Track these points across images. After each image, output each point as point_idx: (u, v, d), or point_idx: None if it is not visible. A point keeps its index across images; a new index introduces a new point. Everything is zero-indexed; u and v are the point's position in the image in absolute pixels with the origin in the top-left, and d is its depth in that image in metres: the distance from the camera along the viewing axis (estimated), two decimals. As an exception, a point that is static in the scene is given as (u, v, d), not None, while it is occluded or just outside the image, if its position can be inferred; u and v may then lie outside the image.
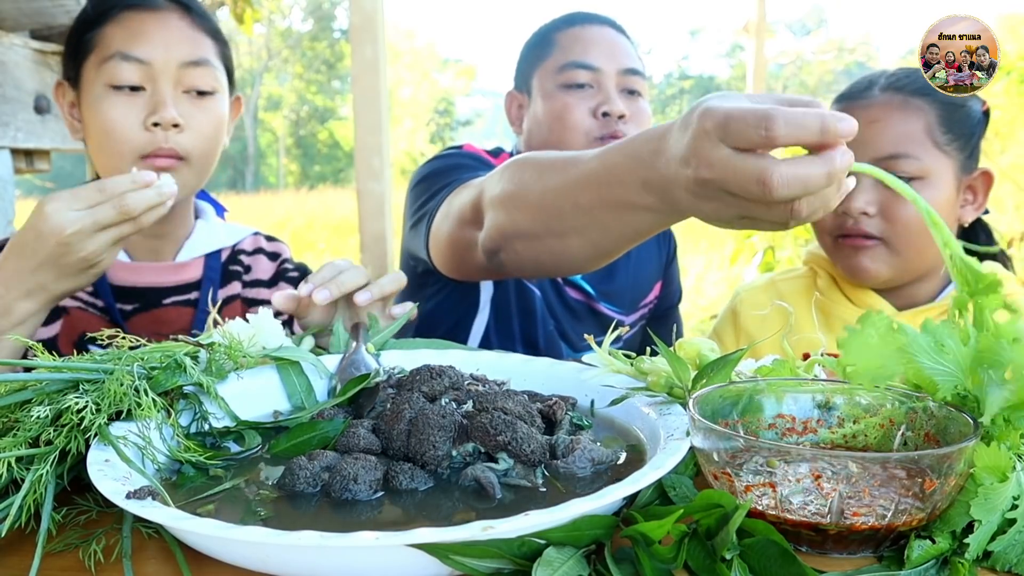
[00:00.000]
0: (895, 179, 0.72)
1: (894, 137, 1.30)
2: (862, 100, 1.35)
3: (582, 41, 1.62)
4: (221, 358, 0.83)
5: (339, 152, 31.63)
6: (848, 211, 1.32)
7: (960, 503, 0.59)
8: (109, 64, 1.25)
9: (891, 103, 1.32)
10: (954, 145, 1.32)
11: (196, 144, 1.28)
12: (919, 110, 1.31)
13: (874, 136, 1.31)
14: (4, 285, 1.00)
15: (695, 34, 45.77)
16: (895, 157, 1.29)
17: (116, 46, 1.26)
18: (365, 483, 0.65)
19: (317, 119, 32.81)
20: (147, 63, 1.25)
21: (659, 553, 0.55)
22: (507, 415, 0.70)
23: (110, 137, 1.25)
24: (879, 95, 1.34)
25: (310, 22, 32.32)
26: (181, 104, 1.27)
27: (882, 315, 0.69)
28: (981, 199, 1.39)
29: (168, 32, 1.28)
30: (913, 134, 1.30)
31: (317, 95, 32.83)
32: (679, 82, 40.00)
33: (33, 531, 0.63)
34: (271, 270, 1.50)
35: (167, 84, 1.26)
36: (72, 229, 0.97)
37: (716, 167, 0.69)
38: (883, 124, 1.31)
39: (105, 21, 1.28)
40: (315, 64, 32.32)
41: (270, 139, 33.51)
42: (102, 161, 1.30)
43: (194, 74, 1.28)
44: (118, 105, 1.25)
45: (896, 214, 1.31)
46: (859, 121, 1.26)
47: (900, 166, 1.28)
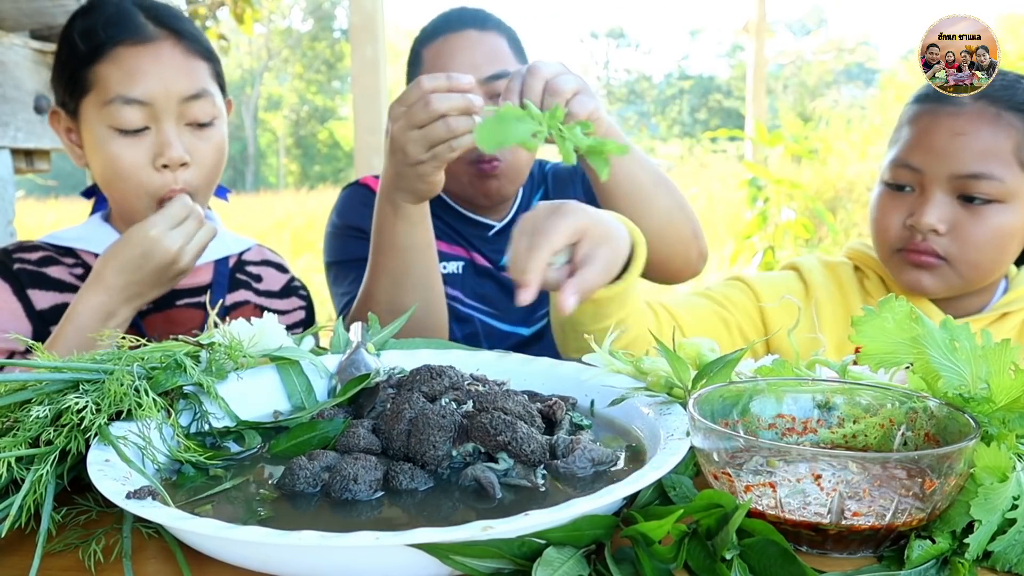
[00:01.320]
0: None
1: (979, 154, 1.19)
2: (950, 106, 1.23)
3: (442, 57, 1.56)
4: (221, 358, 0.83)
5: (339, 152, 31.64)
6: (918, 226, 1.23)
7: (960, 503, 0.60)
8: (111, 108, 1.25)
9: (982, 115, 1.21)
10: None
11: (203, 176, 1.31)
12: (1011, 127, 1.20)
13: (958, 150, 1.20)
14: (108, 294, 1.17)
15: (695, 34, 45.78)
16: (976, 176, 1.19)
17: (115, 89, 1.25)
18: (365, 483, 0.65)
19: (317, 119, 32.82)
20: (148, 104, 1.25)
21: (659, 553, 0.55)
22: (507, 415, 0.70)
23: (122, 179, 1.27)
24: (969, 103, 1.22)
25: (310, 22, 32.32)
26: (184, 137, 1.28)
27: (902, 301, 0.69)
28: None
29: (164, 67, 1.27)
30: (1000, 153, 1.19)
31: (317, 95, 32.84)
32: (679, 82, 40.01)
33: (33, 531, 0.63)
34: (282, 282, 1.53)
35: (170, 120, 1.27)
36: (176, 247, 1.18)
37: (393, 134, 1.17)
38: (969, 138, 1.20)
39: (99, 58, 1.26)
40: (315, 64, 32.32)
41: (270, 139, 33.52)
42: (113, 195, 1.32)
43: (195, 107, 1.29)
44: (125, 148, 1.26)
45: (967, 235, 1.22)
46: (943, 130, 1.23)
47: (980, 186, 1.19)
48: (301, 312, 1.52)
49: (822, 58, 32.94)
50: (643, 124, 39.05)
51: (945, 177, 1.20)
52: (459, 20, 1.60)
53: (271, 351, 0.89)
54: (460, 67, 1.54)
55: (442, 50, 1.57)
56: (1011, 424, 0.64)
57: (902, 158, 1.26)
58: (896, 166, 1.27)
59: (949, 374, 0.66)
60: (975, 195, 1.20)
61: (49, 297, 1.30)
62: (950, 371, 0.66)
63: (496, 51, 1.57)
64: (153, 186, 1.27)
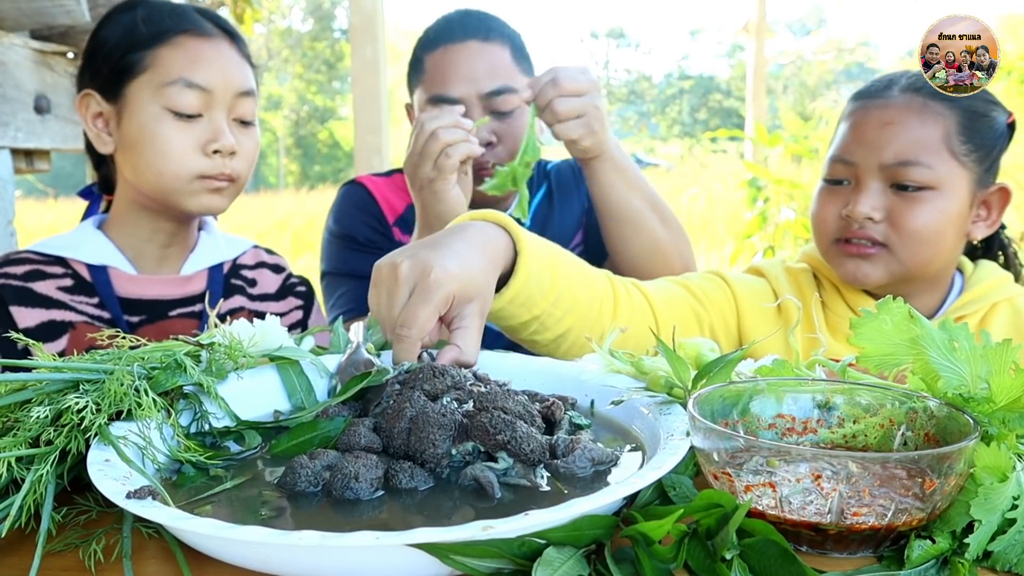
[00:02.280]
0: None
1: (908, 142, 1.22)
2: (879, 99, 1.27)
3: (443, 67, 1.58)
4: (221, 358, 0.83)
5: (339, 152, 31.64)
6: (852, 215, 1.25)
7: (960, 503, 0.60)
8: (171, 89, 1.28)
9: (909, 106, 1.24)
10: (972, 156, 1.24)
11: (245, 168, 1.36)
12: (938, 115, 1.23)
13: (887, 139, 1.23)
14: None
15: (695, 34, 45.79)
16: (906, 164, 1.22)
17: (178, 71, 1.29)
18: (366, 481, 0.65)
19: (317, 119, 32.82)
20: (208, 90, 1.30)
21: (659, 553, 0.55)
22: (507, 415, 0.70)
23: (169, 159, 1.29)
24: (898, 96, 1.26)
25: (310, 22, 32.33)
26: (233, 131, 1.33)
27: (900, 303, 0.69)
28: (995, 216, 1.31)
29: (223, 61, 1.33)
30: (929, 141, 1.22)
31: (317, 95, 32.84)
32: (679, 82, 40.01)
33: (33, 531, 0.63)
34: (277, 283, 1.53)
35: (223, 112, 1.32)
36: None
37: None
38: (898, 127, 1.23)
39: (159, 43, 1.30)
40: (315, 64, 32.33)
41: (270, 139, 33.51)
42: (151, 178, 1.31)
43: (245, 104, 1.35)
44: (178, 131, 1.29)
45: (903, 221, 1.24)
46: (873, 122, 1.26)
47: (911, 174, 1.21)
48: (299, 312, 1.52)
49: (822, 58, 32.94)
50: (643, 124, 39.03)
51: (877, 167, 1.24)
52: (462, 28, 1.60)
53: (271, 351, 0.89)
54: (461, 80, 1.56)
55: (443, 61, 1.58)
56: (1011, 424, 0.64)
57: (837, 154, 1.29)
58: (832, 162, 1.30)
59: (949, 374, 0.66)
60: (907, 182, 1.23)
61: (35, 314, 1.28)
62: (950, 371, 0.66)
63: (498, 65, 1.58)
64: (199, 166, 1.30)
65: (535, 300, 1.04)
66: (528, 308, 1.05)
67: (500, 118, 1.57)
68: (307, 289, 1.56)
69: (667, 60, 56.00)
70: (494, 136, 1.57)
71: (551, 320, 1.08)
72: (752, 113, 8.51)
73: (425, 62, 1.62)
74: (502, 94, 1.56)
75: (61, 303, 1.30)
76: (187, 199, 1.32)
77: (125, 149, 1.33)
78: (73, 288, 1.32)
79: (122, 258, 1.36)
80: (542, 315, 1.07)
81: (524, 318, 1.06)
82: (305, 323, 1.53)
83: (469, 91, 1.56)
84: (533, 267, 1.02)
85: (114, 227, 1.39)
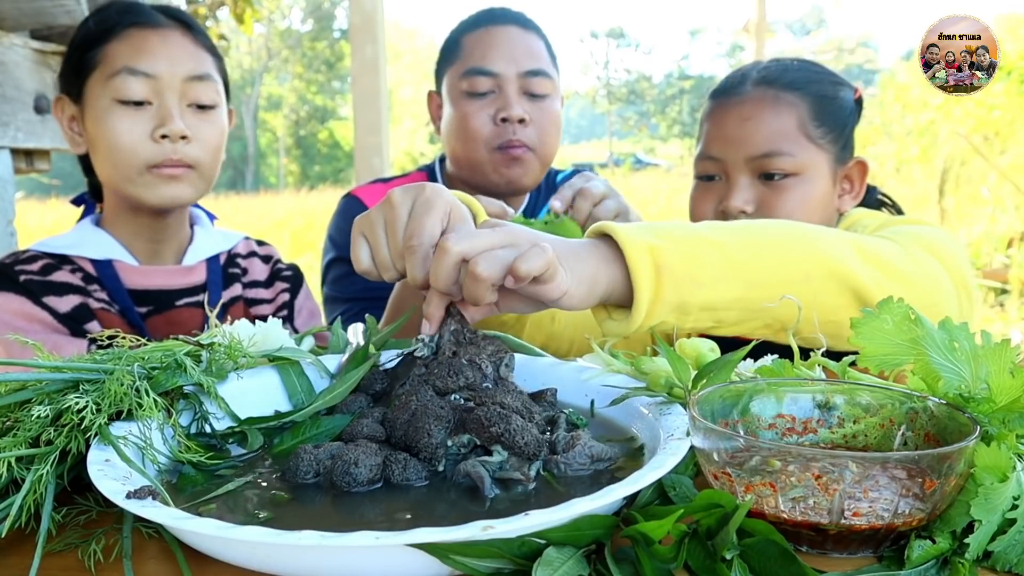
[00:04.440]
0: None
1: (768, 135, 1.30)
2: (735, 96, 1.34)
3: (483, 44, 1.62)
4: (221, 358, 0.83)
5: (339, 152, 31.65)
6: (728, 211, 1.31)
7: (960, 503, 0.59)
8: (116, 79, 1.29)
9: (763, 99, 1.32)
10: (827, 138, 1.32)
11: (203, 154, 1.35)
12: (791, 105, 1.31)
13: (748, 134, 1.30)
14: None
15: (695, 34, 45.78)
16: (769, 155, 1.29)
17: (123, 61, 1.29)
18: (366, 467, 0.65)
19: (317, 119, 32.83)
20: (153, 77, 1.30)
21: (659, 553, 0.55)
22: (504, 408, 0.70)
23: (119, 150, 1.30)
24: (751, 90, 1.33)
25: (310, 22, 32.33)
26: (186, 117, 1.33)
27: (902, 303, 0.70)
28: (858, 187, 1.38)
29: (171, 48, 1.32)
30: (786, 131, 1.30)
31: (317, 95, 32.85)
32: (679, 82, 40.01)
33: (33, 531, 0.63)
34: (266, 271, 1.56)
35: (173, 97, 1.31)
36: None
37: None
38: (756, 122, 1.31)
39: (109, 38, 1.31)
40: (315, 64, 32.34)
41: (270, 139, 33.53)
42: (109, 171, 1.33)
43: (198, 88, 1.34)
44: (125, 119, 1.29)
45: (774, 210, 1.29)
46: (732, 119, 1.32)
47: (775, 164, 1.28)
48: (286, 295, 1.55)
49: (822, 58, 32.95)
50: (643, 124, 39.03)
51: (743, 161, 1.31)
52: (503, 16, 1.67)
53: (271, 351, 0.89)
54: (501, 56, 1.61)
55: (484, 38, 1.63)
56: (1011, 424, 0.64)
57: (704, 152, 1.36)
58: (701, 159, 1.37)
59: (949, 374, 0.66)
60: (772, 171, 1.30)
61: (67, 301, 1.30)
62: (950, 371, 0.66)
63: (535, 50, 1.65)
64: (148, 154, 1.29)
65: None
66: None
67: (533, 100, 1.61)
68: (294, 273, 1.59)
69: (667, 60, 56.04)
70: (527, 115, 1.59)
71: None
72: (752, 113, 8.51)
73: (463, 42, 1.66)
74: (538, 75, 1.61)
75: (82, 289, 1.33)
76: (145, 192, 1.32)
77: (91, 148, 1.35)
78: (86, 279, 1.35)
79: (124, 251, 1.38)
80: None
81: None
82: (292, 304, 1.55)
83: (508, 69, 1.60)
84: None
85: (108, 226, 1.41)
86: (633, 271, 0.83)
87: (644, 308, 0.84)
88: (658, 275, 0.84)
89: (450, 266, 0.78)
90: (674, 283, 0.84)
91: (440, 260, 0.78)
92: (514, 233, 0.81)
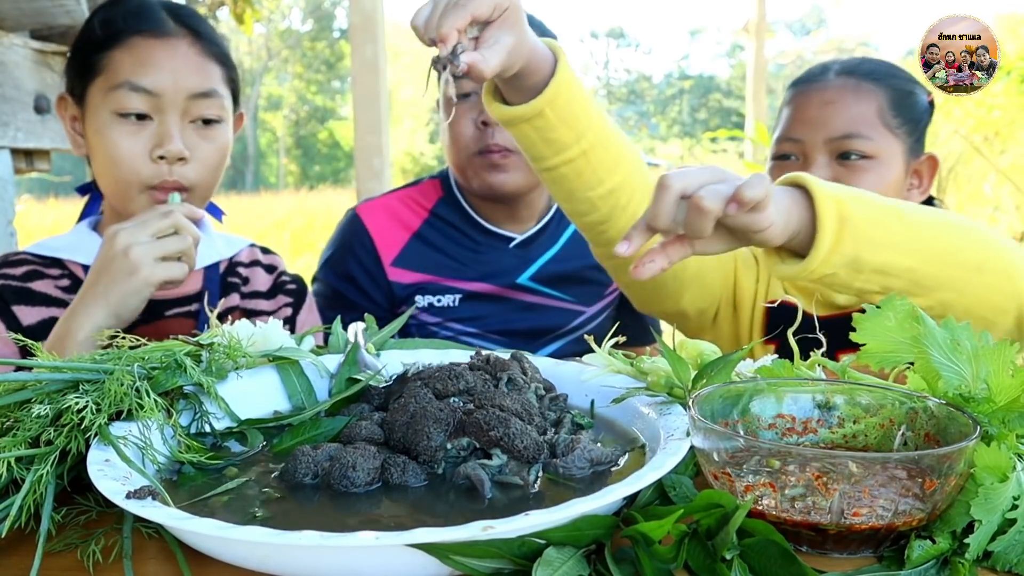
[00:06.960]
0: None
1: (848, 117, 1.35)
2: (817, 84, 1.40)
3: None
4: (221, 358, 0.83)
5: (339, 152, 31.64)
6: None
7: (960, 503, 0.59)
8: (117, 92, 1.24)
9: (845, 86, 1.37)
10: (903, 129, 1.37)
11: (200, 174, 1.30)
12: (871, 93, 1.36)
13: (829, 116, 1.36)
14: (84, 298, 1.10)
15: (695, 34, 45.77)
16: (849, 136, 1.34)
17: (125, 74, 1.25)
18: (363, 471, 0.65)
19: (317, 119, 32.82)
20: (156, 94, 1.25)
21: (659, 553, 0.55)
22: (503, 412, 0.70)
23: (116, 166, 1.26)
24: (834, 79, 1.39)
25: (310, 22, 32.33)
26: (187, 134, 1.28)
27: (904, 300, 0.70)
28: (926, 183, 1.43)
29: (177, 61, 1.27)
30: (866, 115, 1.35)
31: (317, 95, 32.84)
32: (679, 82, 40.01)
33: (33, 531, 0.63)
34: (269, 282, 1.50)
35: (174, 115, 1.26)
36: (124, 245, 1.10)
37: None
38: (838, 105, 1.36)
39: (113, 45, 1.27)
40: (315, 64, 32.33)
41: (270, 139, 33.52)
42: (106, 184, 1.30)
43: (201, 105, 1.28)
44: (125, 135, 1.25)
45: None
46: (814, 102, 1.37)
47: (854, 145, 1.33)
48: (288, 310, 1.49)
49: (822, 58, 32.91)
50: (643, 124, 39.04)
51: (822, 142, 1.36)
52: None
53: (271, 351, 0.89)
54: None
55: None
56: (1011, 424, 0.64)
57: (784, 134, 1.41)
58: (780, 141, 1.41)
59: (949, 374, 0.66)
60: (850, 151, 1.34)
61: (35, 312, 1.27)
62: (950, 371, 0.66)
63: None
64: (146, 174, 1.25)
65: (569, 124, 1.06)
66: (568, 129, 1.06)
67: None
68: (298, 287, 1.53)
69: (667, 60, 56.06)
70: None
71: (594, 157, 1.09)
72: (752, 113, 8.51)
73: None
74: None
75: (60, 300, 1.30)
76: (139, 212, 1.25)
77: (91, 155, 1.32)
78: (71, 288, 1.31)
79: None
80: (588, 150, 1.08)
81: (560, 148, 1.07)
82: (294, 320, 1.50)
83: None
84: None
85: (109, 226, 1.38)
86: (820, 216, 0.90)
87: (822, 254, 0.90)
88: (841, 226, 0.90)
89: (671, 202, 0.84)
90: (854, 237, 0.91)
91: (661, 197, 0.85)
92: (720, 170, 0.89)
